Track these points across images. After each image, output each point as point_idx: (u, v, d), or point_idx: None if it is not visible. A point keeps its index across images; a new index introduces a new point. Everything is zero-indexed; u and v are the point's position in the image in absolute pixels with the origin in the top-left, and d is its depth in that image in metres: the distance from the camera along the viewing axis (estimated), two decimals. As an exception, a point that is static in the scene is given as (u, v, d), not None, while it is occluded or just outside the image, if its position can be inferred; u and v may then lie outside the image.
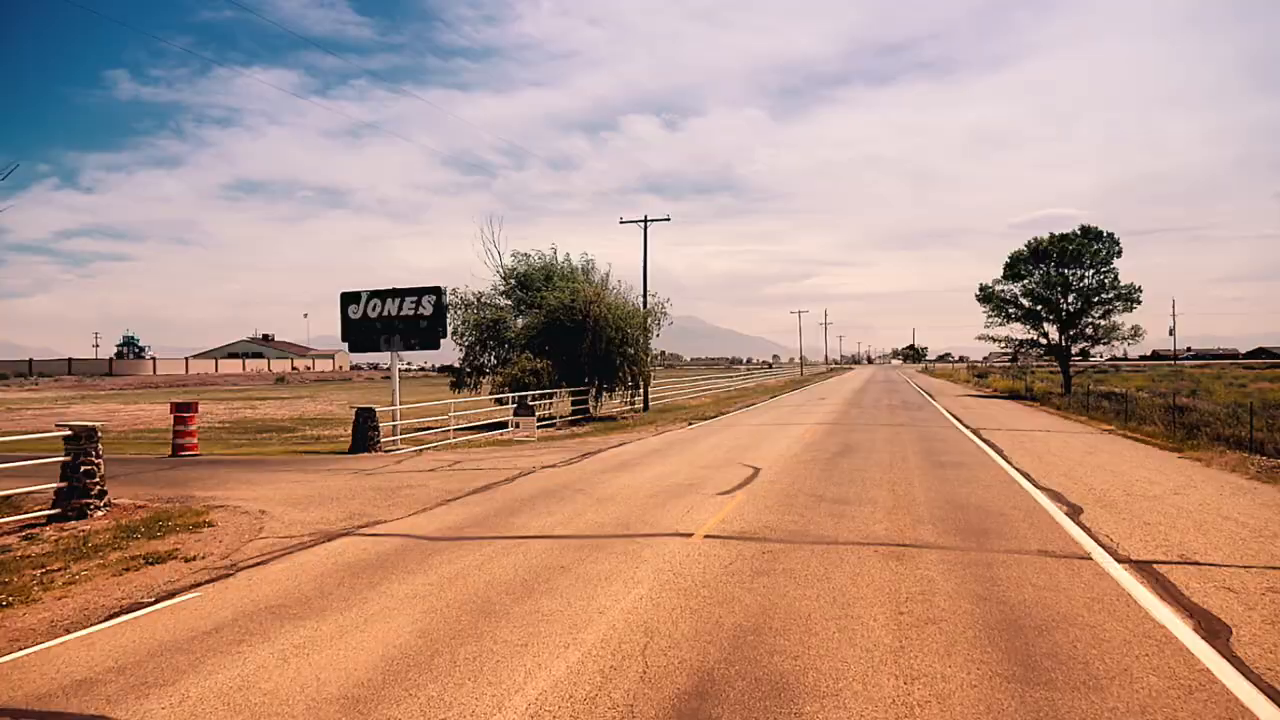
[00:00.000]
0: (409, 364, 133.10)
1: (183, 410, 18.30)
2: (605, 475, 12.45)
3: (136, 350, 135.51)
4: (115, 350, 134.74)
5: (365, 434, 17.97)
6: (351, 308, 21.33)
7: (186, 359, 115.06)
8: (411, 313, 20.84)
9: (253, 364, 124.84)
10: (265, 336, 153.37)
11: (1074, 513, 9.13)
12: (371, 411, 18.25)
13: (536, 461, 14.50)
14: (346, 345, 21.85)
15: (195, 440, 18.17)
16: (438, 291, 20.76)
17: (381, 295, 21.16)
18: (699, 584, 6.22)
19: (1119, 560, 6.96)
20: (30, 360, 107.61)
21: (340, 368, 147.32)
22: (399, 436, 20.52)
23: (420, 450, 18.33)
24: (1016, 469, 12.79)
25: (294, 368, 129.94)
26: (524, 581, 6.41)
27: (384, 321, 21.07)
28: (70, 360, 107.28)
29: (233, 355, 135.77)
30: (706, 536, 7.88)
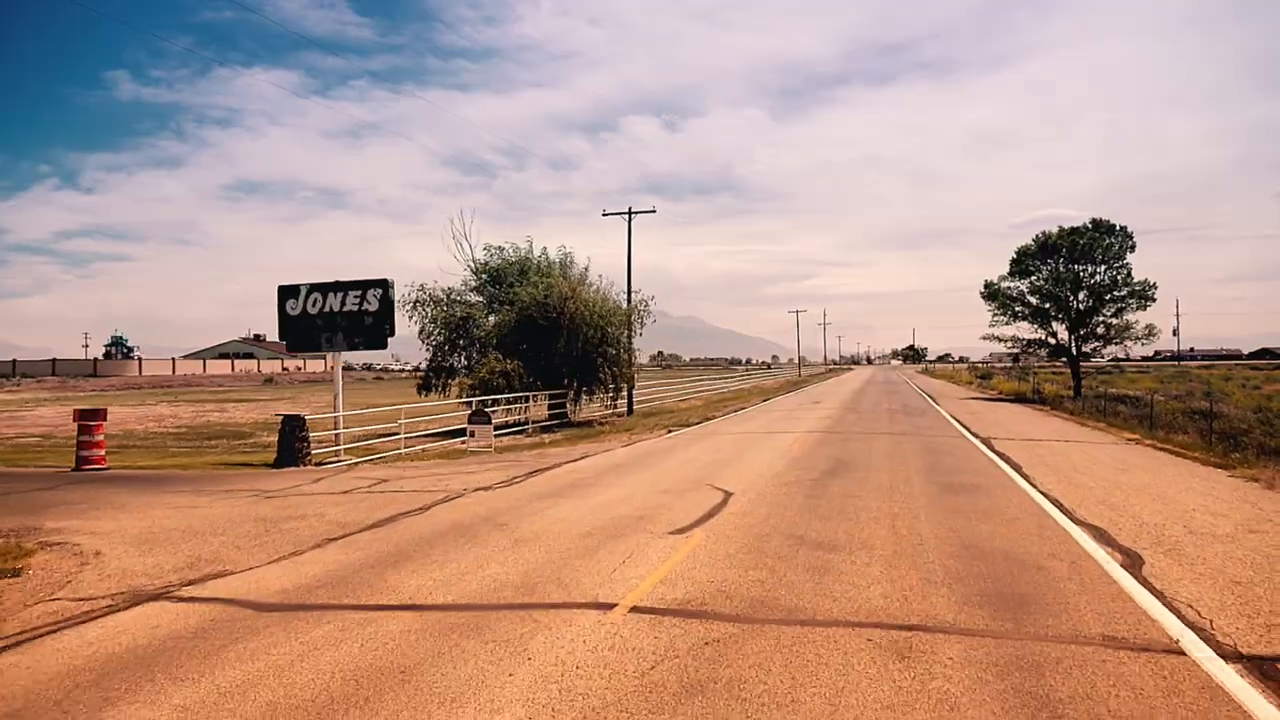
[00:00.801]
0: (406, 364, 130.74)
1: (88, 419, 16.08)
2: (543, 502, 10.24)
3: (125, 351, 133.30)
4: (104, 350, 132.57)
5: (292, 445, 15.76)
6: (290, 303, 19.13)
7: (173, 359, 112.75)
8: (355, 308, 18.65)
9: (242, 364, 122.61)
10: (257, 337, 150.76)
11: (1132, 564, 6.92)
12: (300, 420, 16.03)
13: (472, 481, 12.28)
14: (285, 345, 19.64)
15: (102, 453, 15.96)
16: (384, 285, 18.55)
17: (322, 289, 18.96)
18: (592, 712, 4.02)
19: (1224, 656, 4.76)
20: (14, 361, 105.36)
21: (332, 368, 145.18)
22: (342, 447, 18.38)
23: (355, 464, 16.14)
24: (1042, 493, 10.58)
25: (284, 368, 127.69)
26: (331, 702, 4.21)
27: (325, 318, 18.88)
28: (54, 361, 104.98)
29: (224, 355, 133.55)
30: (633, 609, 5.66)
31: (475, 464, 15.06)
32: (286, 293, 19.19)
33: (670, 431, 21.79)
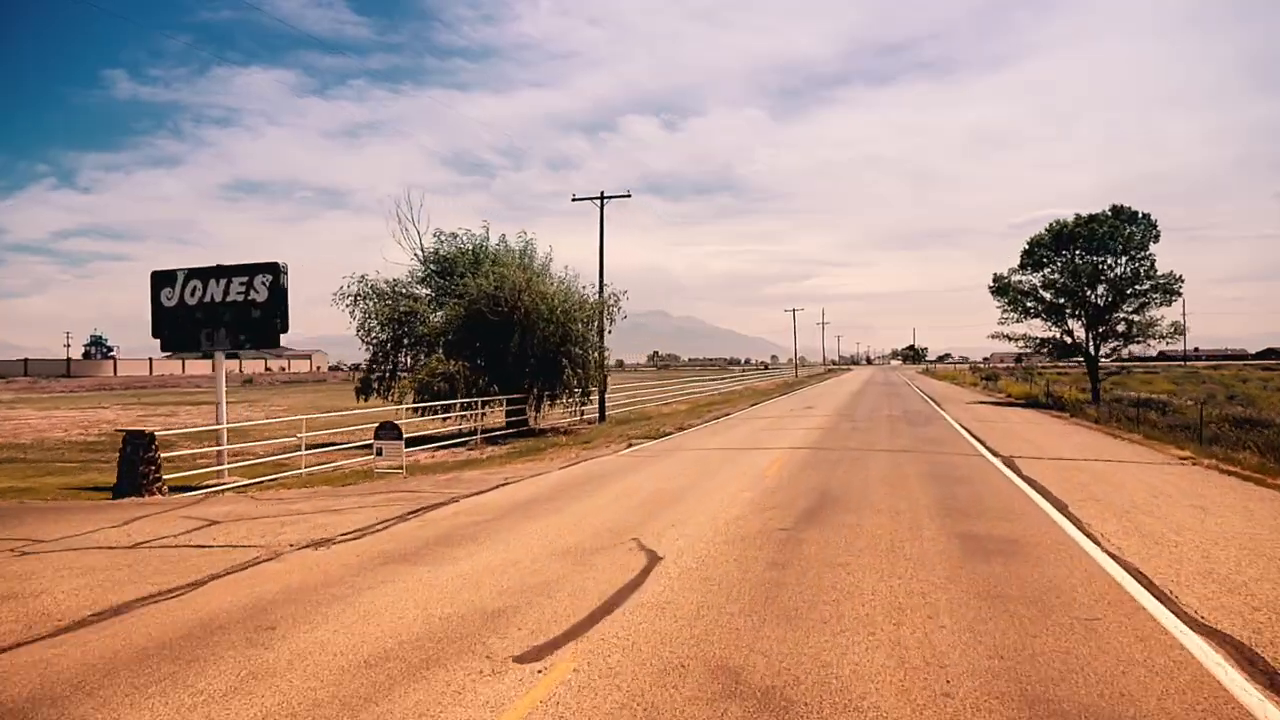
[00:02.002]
0: (341, 365, 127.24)
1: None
2: (376, 574, 6.90)
3: (104, 350, 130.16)
4: (83, 350, 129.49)
5: (135, 470, 12.43)
6: (165, 292, 15.84)
7: (150, 360, 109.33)
8: (241, 298, 15.37)
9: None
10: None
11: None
12: (144, 440, 12.65)
13: (321, 528, 8.95)
14: (160, 344, 16.33)
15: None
16: (274, 270, 15.26)
17: (203, 275, 15.68)
18: None
19: None
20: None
21: (317, 368, 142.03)
22: (227, 467, 15.17)
23: (217, 492, 12.86)
24: (1112, 554, 7.27)
25: (267, 368, 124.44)
26: None
27: (206, 310, 15.59)
28: (26, 361, 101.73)
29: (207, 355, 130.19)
30: None
31: (359, 495, 11.73)
32: (161, 280, 15.90)
33: (631, 445, 18.46)
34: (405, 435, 22.30)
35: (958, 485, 11.30)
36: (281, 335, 15.50)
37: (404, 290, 25.75)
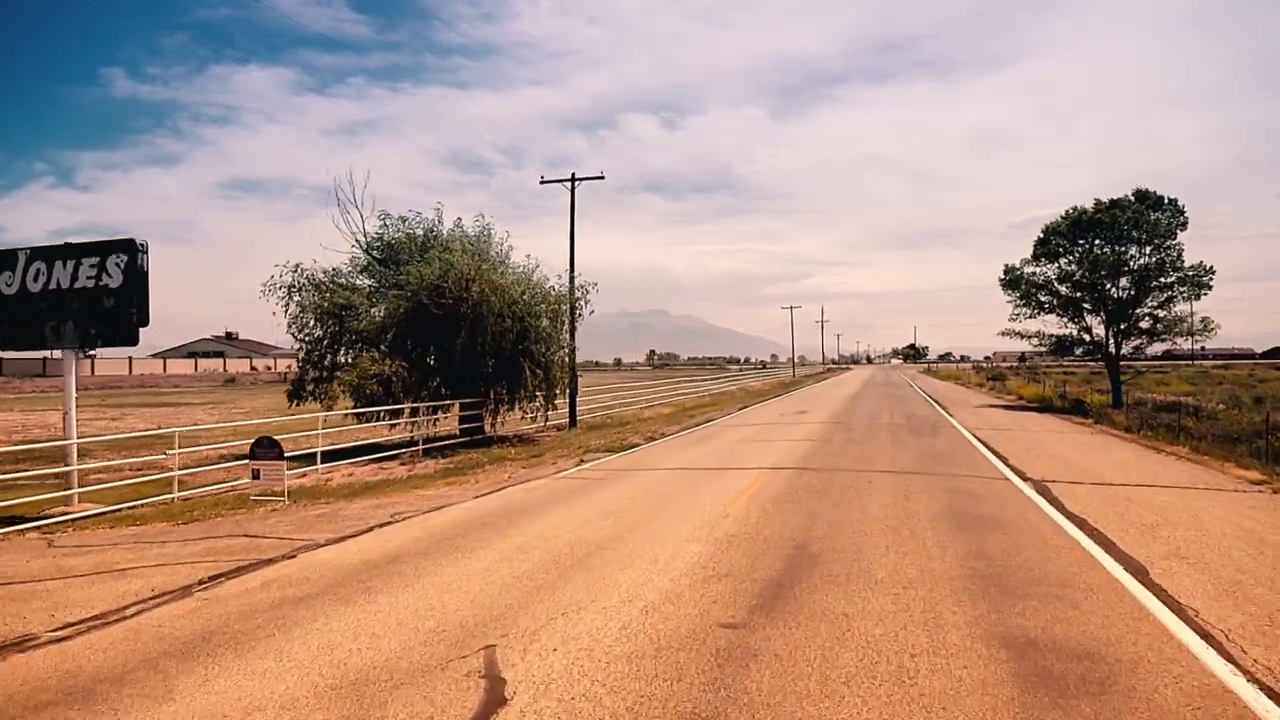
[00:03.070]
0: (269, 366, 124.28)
1: None
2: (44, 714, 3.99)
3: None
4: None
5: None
6: (5, 277, 12.91)
7: (130, 359, 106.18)
8: (92, 284, 12.45)
9: (207, 364, 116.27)
10: (229, 334, 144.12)
11: None
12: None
13: (48, 615, 6.04)
14: (-1, 339, 13.39)
15: None
16: (130, 249, 12.34)
17: (48, 255, 12.75)
18: None
19: None
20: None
21: (65, 371, 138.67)
22: (77, 491, 12.32)
23: (72, 520, 9.99)
24: (1260, 682, 4.36)
25: (253, 368, 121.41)
26: None
27: (51, 299, 12.66)
28: (1, 361, 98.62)
29: (193, 354, 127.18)
30: None
31: (186, 539, 8.76)
32: (1, 263, 12.98)
33: (584, 462, 15.49)
34: (345, 444, 19.53)
35: (986, 532, 8.33)
36: (141, 329, 12.58)
37: (344, 281, 22.80)
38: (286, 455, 16.87)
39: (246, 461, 12.41)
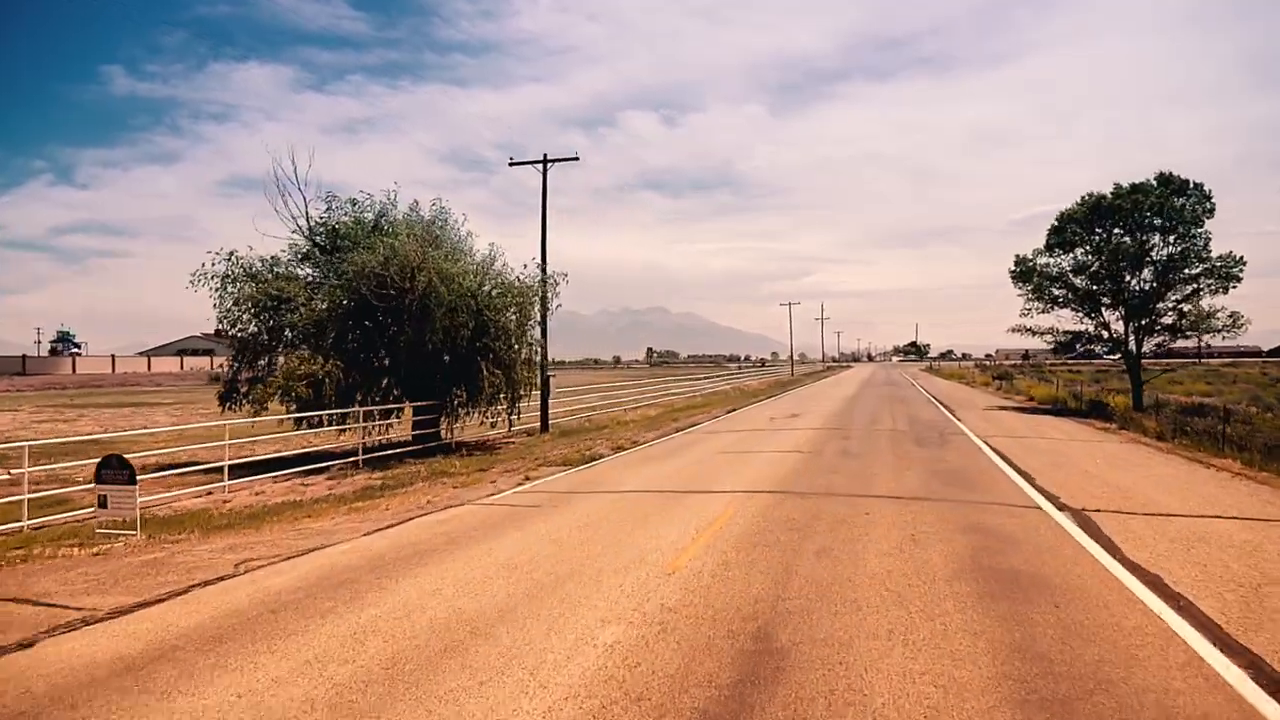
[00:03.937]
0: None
1: None
2: None
3: (73, 347, 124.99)
4: (50, 346, 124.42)
5: None
6: None
7: (113, 356, 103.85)
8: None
9: (193, 362, 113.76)
10: (218, 332, 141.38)
11: None
12: None
13: None
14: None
15: None
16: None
17: None
18: None
19: None
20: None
21: None
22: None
23: None
24: None
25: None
26: None
27: None
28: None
29: (181, 352, 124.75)
30: None
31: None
32: None
33: (528, 480, 13.06)
34: (292, 452, 17.12)
35: (1029, 605, 5.91)
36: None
37: (283, 271, 20.40)
38: (208, 467, 14.54)
39: (92, 486, 10.00)
